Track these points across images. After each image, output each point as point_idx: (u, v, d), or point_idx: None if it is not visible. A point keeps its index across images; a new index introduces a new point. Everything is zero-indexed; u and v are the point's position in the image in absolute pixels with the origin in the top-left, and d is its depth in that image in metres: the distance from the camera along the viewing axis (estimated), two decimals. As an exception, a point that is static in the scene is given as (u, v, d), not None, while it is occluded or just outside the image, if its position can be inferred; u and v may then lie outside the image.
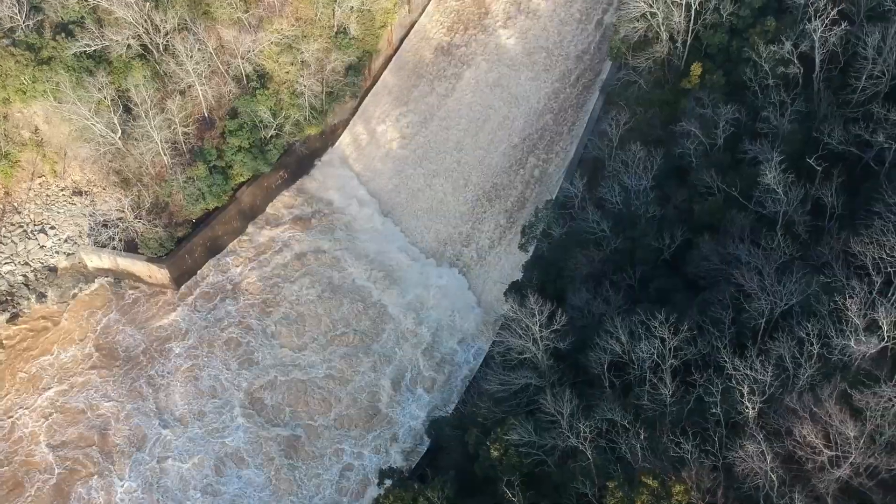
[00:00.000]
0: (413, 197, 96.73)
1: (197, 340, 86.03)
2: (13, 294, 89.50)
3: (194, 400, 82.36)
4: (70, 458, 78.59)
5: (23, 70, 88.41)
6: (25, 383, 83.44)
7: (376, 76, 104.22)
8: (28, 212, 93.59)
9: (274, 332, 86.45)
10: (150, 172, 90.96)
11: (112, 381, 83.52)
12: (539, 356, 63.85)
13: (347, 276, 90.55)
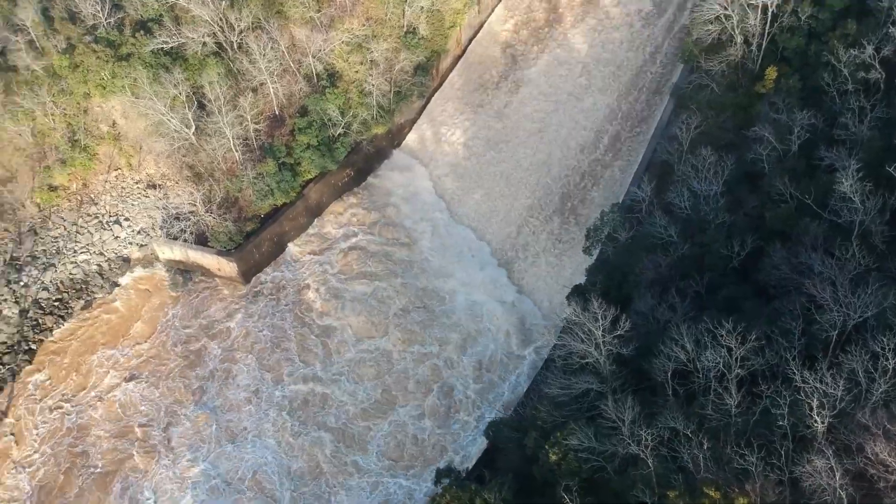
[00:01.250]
0: (477, 199, 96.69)
1: (258, 334, 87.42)
2: (88, 283, 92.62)
3: (250, 394, 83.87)
4: (122, 447, 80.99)
5: (103, 66, 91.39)
6: (92, 370, 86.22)
7: (444, 76, 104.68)
8: (104, 203, 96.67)
9: (337, 328, 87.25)
10: (221, 168, 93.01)
11: (174, 372, 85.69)
12: (601, 361, 63.04)
13: (410, 274, 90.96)
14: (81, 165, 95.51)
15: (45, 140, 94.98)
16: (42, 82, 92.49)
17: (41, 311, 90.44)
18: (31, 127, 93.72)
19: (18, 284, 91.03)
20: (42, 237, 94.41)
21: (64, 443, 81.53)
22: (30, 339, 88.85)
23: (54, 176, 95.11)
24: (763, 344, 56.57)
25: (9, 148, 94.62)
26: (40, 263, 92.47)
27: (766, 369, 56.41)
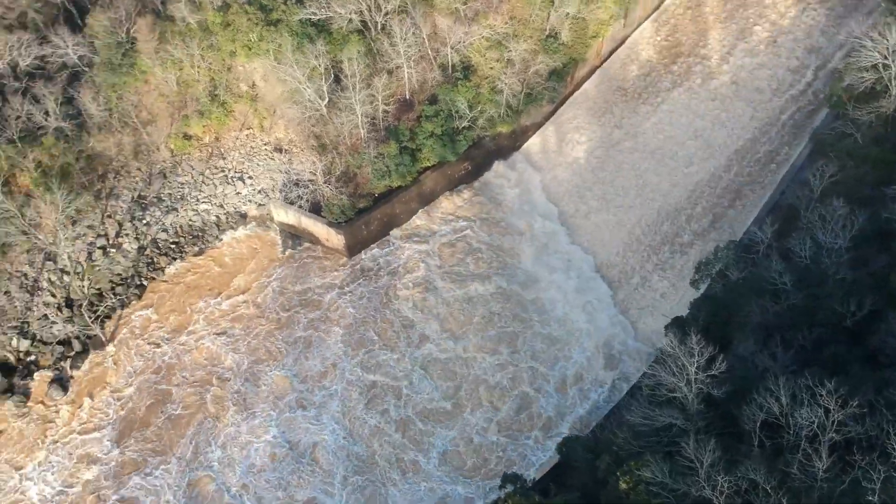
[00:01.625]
0: (590, 212, 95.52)
1: (346, 310, 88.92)
2: (204, 231, 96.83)
3: (328, 368, 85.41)
4: (201, 395, 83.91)
5: (252, 28, 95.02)
6: (191, 315, 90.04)
7: (578, 85, 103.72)
8: (232, 159, 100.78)
9: (422, 320, 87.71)
10: (346, 142, 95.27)
11: (262, 332, 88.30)
12: (689, 398, 61.25)
13: (506, 278, 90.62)
14: (217, 120, 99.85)
15: (188, 90, 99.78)
16: (194, 35, 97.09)
17: (157, 251, 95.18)
18: (177, 76, 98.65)
19: (141, 222, 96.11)
20: (170, 181, 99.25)
21: (152, 379, 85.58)
22: (143, 275, 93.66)
23: (191, 125, 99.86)
24: (865, 412, 53.59)
25: (154, 93, 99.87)
26: (164, 206, 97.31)
27: (864, 439, 53.43)
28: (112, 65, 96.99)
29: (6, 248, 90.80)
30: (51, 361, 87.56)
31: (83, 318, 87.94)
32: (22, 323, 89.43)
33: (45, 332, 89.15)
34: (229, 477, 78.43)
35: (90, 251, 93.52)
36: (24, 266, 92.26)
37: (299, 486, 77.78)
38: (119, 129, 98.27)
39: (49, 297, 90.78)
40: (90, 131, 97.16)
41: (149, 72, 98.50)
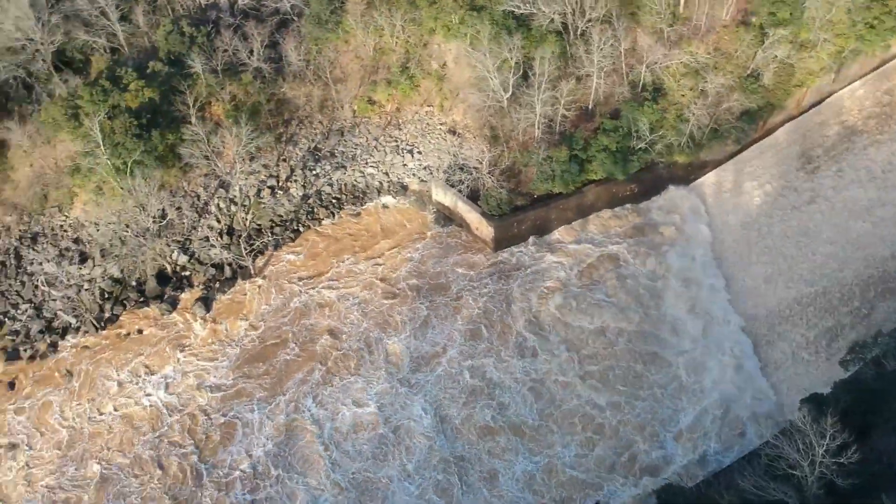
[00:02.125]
0: (750, 267, 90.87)
1: (473, 302, 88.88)
2: (365, 194, 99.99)
3: (439, 351, 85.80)
4: (315, 349, 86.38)
5: (456, 10, 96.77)
6: (331, 270, 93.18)
7: (769, 131, 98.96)
8: (407, 131, 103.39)
9: (545, 335, 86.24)
10: (518, 138, 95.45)
11: (390, 301, 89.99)
12: (809, 480, 57.47)
13: (645, 313, 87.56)
14: (403, 91, 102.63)
15: (382, 58, 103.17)
16: (400, 7, 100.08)
17: (319, 202, 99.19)
18: (376, 42, 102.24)
19: (311, 172, 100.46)
20: (346, 140, 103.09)
21: (281, 321, 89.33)
22: (301, 221, 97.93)
23: (377, 92, 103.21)
24: None
25: (351, 54, 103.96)
26: (335, 162, 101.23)
27: None
28: (319, 19, 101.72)
29: (187, 168, 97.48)
30: (201, 280, 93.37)
31: (239, 248, 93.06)
32: (185, 239, 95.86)
33: (203, 253, 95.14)
34: (320, 430, 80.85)
35: (260, 188, 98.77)
36: (199, 188, 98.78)
37: (378, 461, 78.66)
38: (312, 81, 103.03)
39: (214, 222, 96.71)
40: (285, 77, 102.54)
41: (351, 33, 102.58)
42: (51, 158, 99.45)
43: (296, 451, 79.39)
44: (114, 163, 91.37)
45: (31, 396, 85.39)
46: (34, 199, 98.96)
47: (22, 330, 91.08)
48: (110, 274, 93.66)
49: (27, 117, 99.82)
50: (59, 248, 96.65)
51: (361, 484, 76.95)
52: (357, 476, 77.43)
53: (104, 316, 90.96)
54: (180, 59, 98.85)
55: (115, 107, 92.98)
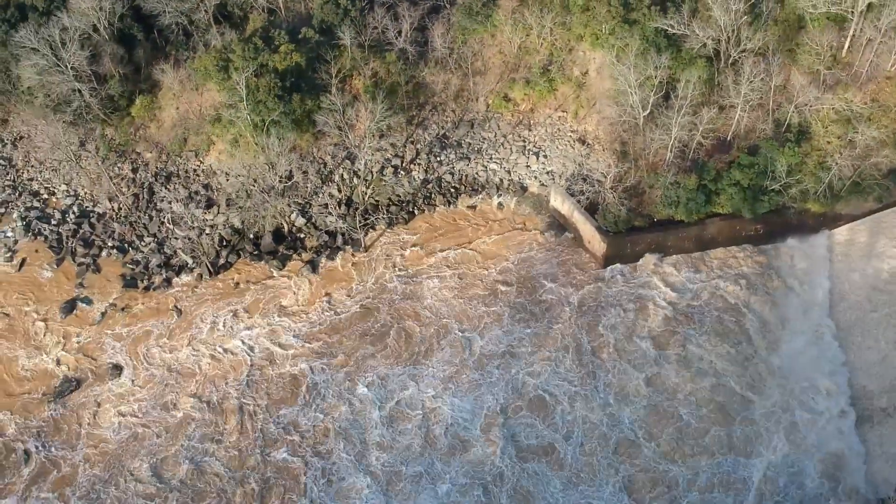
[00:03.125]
0: (869, 333, 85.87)
1: (568, 319, 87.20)
2: (483, 188, 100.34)
3: (503, 352, 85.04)
4: (395, 332, 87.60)
5: (608, 20, 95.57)
6: (432, 257, 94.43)
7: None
8: (536, 133, 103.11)
9: (639, 360, 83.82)
10: (648, 159, 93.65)
11: (477, 295, 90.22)
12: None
13: (750, 361, 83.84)
14: (539, 93, 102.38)
15: (525, 57, 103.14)
16: (553, 9, 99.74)
17: (437, 189, 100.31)
18: (522, 40, 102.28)
19: (435, 158, 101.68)
20: (475, 132, 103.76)
21: (379, 292, 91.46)
22: (417, 204, 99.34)
23: (514, 90, 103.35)
24: None
25: (495, 48, 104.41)
26: (460, 152, 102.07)
27: None
28: (471, 10, 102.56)
29: (319, 136, 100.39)
30: (313, 245, 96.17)
31: (354, 220, 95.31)
32: (306, 203, 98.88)
33: (320, 219, 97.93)
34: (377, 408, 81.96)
35: (384, 166, 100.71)
36: (326, 156, 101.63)
37: (410, 454, 78.32)
38: (452, 69, 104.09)
39: (335, 191, 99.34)
40: (427, 62, 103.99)
41: (499, 28, 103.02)
42: (196, 105, 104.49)
43: (348, 424, 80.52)
44: (253, 119, 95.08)
45: (134, 325, 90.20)
46: (175, 140, 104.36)
47: (143, 261, 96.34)
48: (231, 223, 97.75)
49: (182, 63, 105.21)
50: (189, 190, 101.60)
51: (391, 472, 77.17)
52: (390, 463, 77.77)
53: (219, 262, 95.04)
54: (331, 29, 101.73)
55: (263, 66, 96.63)
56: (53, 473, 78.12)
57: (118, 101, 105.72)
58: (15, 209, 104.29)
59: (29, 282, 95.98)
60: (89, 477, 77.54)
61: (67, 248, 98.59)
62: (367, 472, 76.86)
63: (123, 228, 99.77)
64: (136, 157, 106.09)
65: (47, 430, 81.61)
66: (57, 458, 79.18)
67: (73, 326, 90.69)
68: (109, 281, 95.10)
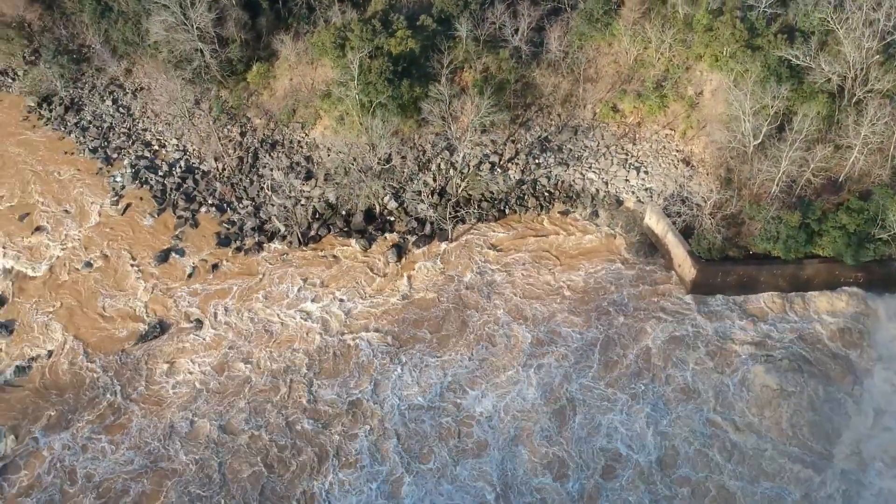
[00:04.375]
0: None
1: (637, 340, 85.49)
2: (578, 196, 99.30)
3: (563, 373, 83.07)
4: (458, 318, 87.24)
5: (731, 43, 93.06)
6: (508, 254, 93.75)
7: None
8: (640, 148, 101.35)
9: (703, 404, 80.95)
10: (751, 189, 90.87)
11: (547, 294, 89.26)
12: None
13: (823, 428, 78.51)
14: (649, 108, 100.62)
15: (639, 69, 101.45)
16: (675, 24, 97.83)
17: (531, 192, 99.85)
18: (639, 52, 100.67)
19: (534, 160, 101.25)
20: (577, 139, 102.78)
21: (453, 283, 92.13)
22: (509, 204, 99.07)
23: (623, 101, 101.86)
24: None
25: (609, 57, 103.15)
26: (560, 157, 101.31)
27: None
28: (591, 16, 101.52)
29: (423, 123, 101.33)
30: (402, 230, 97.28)
31: (445, 210, 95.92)
32: (400, 187, 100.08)
33: (412, 205, 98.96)
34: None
35: (481, 161, 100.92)
36: (426, 144, 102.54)
37: (431, 445, 78.19)
38: (563, 73, 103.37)
39: (430, 180, 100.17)
40: (539, 63, 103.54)
41: (617, 37, 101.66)
42: (309, 78, 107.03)
43: (389, 404, 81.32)
44: (361, 99, 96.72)
45: (221, 283, 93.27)
46: (284, 110, 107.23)
47: (238, 222, 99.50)
48: (326, 198, 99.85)
49: (301, 36, 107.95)
50: (291, 160, 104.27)
51: (409, 459, 77.31)
52: (411, 449, 77.94)
53: (309, 233, 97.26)
54: (449, 20, 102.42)
55: (379, 48, 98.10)
56: (114, 417, 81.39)
57: (236, 66, 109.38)
58: (127, 156, 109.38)
59: (130, 227, 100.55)
60: (147, 425, 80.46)
61: (170, 200, 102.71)
62: (385, 456, 77.57)
63: (225, 188, 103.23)
64: (245, 122, 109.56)
65: (124, 371, 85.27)
66: (124, 401, 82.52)
67: (164, 276, 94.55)
68: (204, 237, 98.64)
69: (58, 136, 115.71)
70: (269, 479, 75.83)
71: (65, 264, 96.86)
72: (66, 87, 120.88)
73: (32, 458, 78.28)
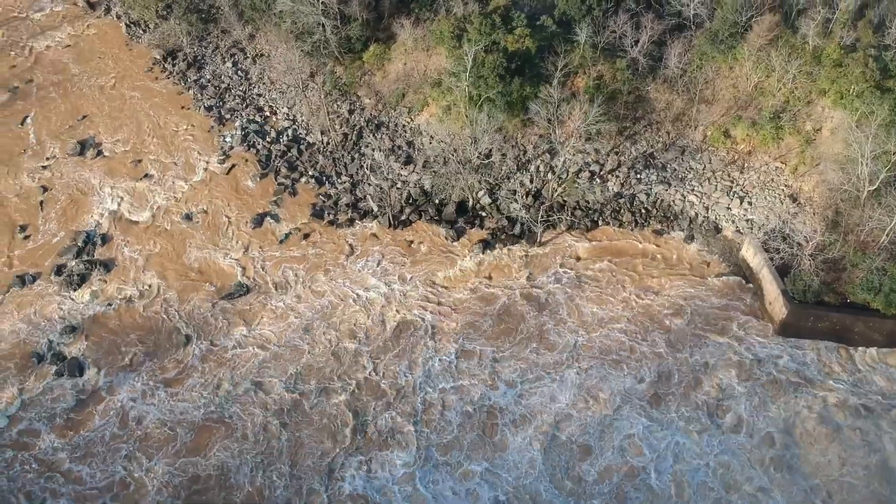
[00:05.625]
0: None
1: (711, 370, 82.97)
2: (676, 218, 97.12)
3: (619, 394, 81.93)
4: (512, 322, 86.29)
5: (859, 81, 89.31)
6: (594, 268, 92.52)
7: None
8: (747, 178, 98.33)
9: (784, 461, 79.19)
10: (858, 236, 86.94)
11: (625, 329, 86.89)
12: None
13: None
14: (763, 138, 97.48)
15: (758, 98, 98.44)
16: (802, 56, 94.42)
17: (628, 206, 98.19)
18: (760, 79, 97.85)
19: (635, 175, 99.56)
20: (683, 159, 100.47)
21: (528, 291, 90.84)
22: (603, 216, 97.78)
23: (737, 127, 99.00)
24: None
25: (728, 80, 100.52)
26: (662, 175, 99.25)
27: None
28: (716, 37, 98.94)
29: (528, 123, 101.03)
30: (492, 226, 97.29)
31: (537, 213, 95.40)
32: (496, 184, 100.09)
33: (505, 203, 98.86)
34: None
35: (581, 169, 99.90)
36: (528, 145, 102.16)
37: (457, 436, 78.05)
38: (679, 91, 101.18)
39: (527, 181, 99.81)
40: (655, 78, 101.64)
41: (740, 61, 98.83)
42: (422, 65, 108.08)
43: (432, 395, 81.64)
44: (471, 92, 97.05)
45: (310, 253, 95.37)
46: (393, 93, 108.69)
47: (334, 197, 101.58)
48: (422, 184, 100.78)
49: (421, 22, 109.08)
50: (393, 143, 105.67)
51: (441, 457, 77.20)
52: (444, 446, 77.74)
53: (400, 217, 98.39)
54: (569, 23, 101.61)
55: (495, 43, 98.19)
56: (181, 367, 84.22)
57: (354, 44, 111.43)
58: (238, 118, 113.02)
59: (232, 187, 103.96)
60: (209, 380, 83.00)
61: (273, 166, 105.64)
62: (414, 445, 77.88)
63: (326, 162, 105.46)
64: (355, 100, 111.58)
65: (204, 325, 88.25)
66: (196, 353, 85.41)
67: (257, 238, 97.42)
68: (300, 207, 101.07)
69: (177, 91, 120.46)
70: (309, 448, 77.30)
71: (166, 214, 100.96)
72: (191, 44, 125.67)
73: (100, 392, 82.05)
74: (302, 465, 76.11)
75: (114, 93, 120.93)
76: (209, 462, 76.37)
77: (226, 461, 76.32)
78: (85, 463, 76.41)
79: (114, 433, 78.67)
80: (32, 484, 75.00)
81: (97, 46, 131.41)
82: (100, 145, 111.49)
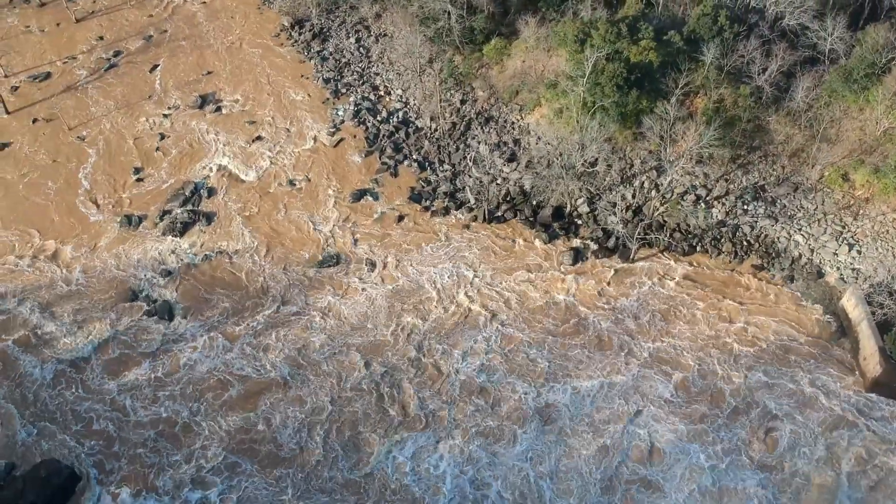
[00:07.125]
0: None
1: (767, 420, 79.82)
2: (778, 255, 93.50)
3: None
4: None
5: None
6: (678, 298, 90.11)
7: None
8: (860, 226, 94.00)
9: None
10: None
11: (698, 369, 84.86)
12: None
13: None
14: (885, 186, 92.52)
15: (886, 144, 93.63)
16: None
17: (730, 237, 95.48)
18: (890, 124, 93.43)
19: (742, 205, 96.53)
20: (795, 197, 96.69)
21: (604, 300, 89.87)
22: (703, 242, 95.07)
23: (857, 171, 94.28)
24: None
25: (856, 122, 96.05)
26: (771, 210, 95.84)
27: None
28: (849, 76, 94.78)
29: (639, 137, 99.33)
30: (586, 236, 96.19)
31: (634, 230, 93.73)
32: (596, 193, 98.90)
33: (602, 215, 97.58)
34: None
35: (687, 191, 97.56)
36: (636, 159, 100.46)
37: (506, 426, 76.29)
38: (801, 126, 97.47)
39: (629, 195, 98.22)
40: (778, 109, 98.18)
41: (872, 104, 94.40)
42: (540, 64, 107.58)
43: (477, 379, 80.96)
44: (585, 98, 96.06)
45: (403, 235, 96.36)
46: (507, 89, 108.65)
47: (434, 183, 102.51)
48: (522, 184, 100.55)
49: (546, 22, 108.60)
50: (500, 138, 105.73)
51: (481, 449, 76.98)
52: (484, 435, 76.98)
53: (496, 213, 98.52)
54: (697, 42, 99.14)
55: (618, 52, 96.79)
56: (261, 330, 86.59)
57: (476, 35, 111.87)
58: (353, 94, 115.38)
59: (338, 160, 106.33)
60: (283, 345, 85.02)
61: (379, 145, 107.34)
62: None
63: (431, 148, 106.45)
64: (469, 91, 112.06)
65: (292, 289, 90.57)
66: (288, 315, 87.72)
67: (354, 213, 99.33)
68: (399, 188, 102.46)
69: (299, 59, 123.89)
70: (359, 428, 78.27)
71: (272, 177, 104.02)
72: (319, 15, 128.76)
73: (185, 336, 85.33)
74: (349, 435, 77.39)
75: (240, 53, 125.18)
76: (259, 417, 78.67)
77: (274, 418, 78.49)
78: (158, 403, 79.90)
79: (189, 377, 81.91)
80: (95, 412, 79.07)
81: (230, 5, 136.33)
82: (220, 102, 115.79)
